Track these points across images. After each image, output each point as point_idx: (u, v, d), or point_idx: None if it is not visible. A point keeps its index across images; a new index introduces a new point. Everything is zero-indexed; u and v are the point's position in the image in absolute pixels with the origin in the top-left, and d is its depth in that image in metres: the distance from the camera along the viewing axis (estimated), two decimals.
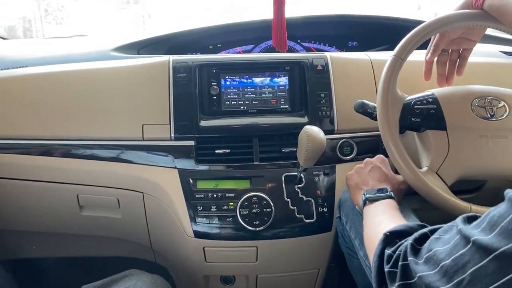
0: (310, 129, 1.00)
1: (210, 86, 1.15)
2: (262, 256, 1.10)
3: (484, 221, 0.48)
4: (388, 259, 0.61)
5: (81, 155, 1.11)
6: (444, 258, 0.51)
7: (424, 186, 0.89)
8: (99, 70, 1.17)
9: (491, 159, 0.92)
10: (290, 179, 1.11)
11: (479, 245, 0.47)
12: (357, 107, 1.04)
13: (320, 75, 1.17)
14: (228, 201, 1.08)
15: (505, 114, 0.94)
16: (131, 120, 1.11)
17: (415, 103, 0.96)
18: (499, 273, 0.44)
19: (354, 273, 1.09)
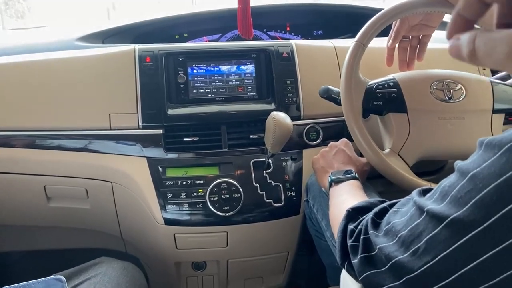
0: (276, 115, 1.02)
1: (177, 75, 1.15)
2: (232, 241, 1.12)
3: (437, 192, 0.51)
4: (350, 234, 0.64)
5: (47, 145, 1.09)
6: (402, 229, 0.54)
7: (386, 167, 0.92)
8: (64, 60, 1.16)
9: (449, 139, 0.96)
10: (258, 165, 1.12)
11: (432, 214, 0.49)
12: (322, 92, 1.06)
13: (286, 63, 1.19)
14: (197, 188, 1.09)
15: (462, 97, 0.98)
16: (98, 109, 1.10)
17: (377, 87, 0.99)
18: (451, 239, 0.47)
19: (322, 254, 1.12)
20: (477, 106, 0.98)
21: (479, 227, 0.44)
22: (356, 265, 0.61)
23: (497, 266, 0.44)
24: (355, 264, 0.61)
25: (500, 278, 0.44)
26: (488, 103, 0.98)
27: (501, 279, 0.44)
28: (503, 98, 0.99)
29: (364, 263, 0.59)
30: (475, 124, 0.96)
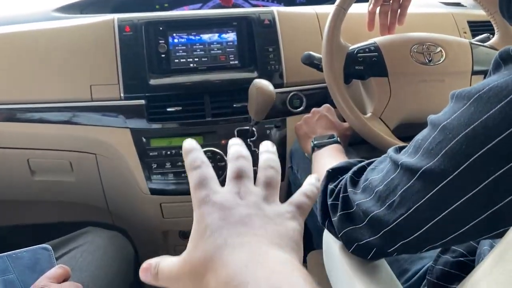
0: (259, 83, 1.02)
1: (157, 44, 1.14)
2: None
3: (411, 146, 0.52)
4: (330, 193, 0.65)
5: (29, 119, 1.08)
6: (378, 184, 0.55)
7: (368, 130, 0.93)
8: (42, 31, 1.13)
9: (430, 102, 0.97)
10: (242, 133, 1.13)
11: (405, 167, 0.51)
12: (304, 59, 1.06)
13: (268, 30, 1.18)
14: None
15: (441, 59, 0.98)
16: (78, 81, 1.09)
17: (358, 51, 0.99)
18: (424, 191, 0.48)
19: (308, 219, 1.13)
20: (457, 68, 0.98)
21: (449, 177, 0.45)
22: (336, 222, 0.62)
23: (466, 214, 0.45)
24: (335, 222, 0.62)
25: (469, 226, 0.46)
26: (467, 65, 0.98)
27: (469, 226, 0.46)
28: (482, 60, 0.99)
29: (343, 220, 0.61)
30: (455, 86, 0.95)
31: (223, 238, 0.35)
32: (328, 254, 0.73)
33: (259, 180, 0.42)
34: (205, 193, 0.39)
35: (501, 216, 0.44)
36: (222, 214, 0.37)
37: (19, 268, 0.75)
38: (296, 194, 0.43)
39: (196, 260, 0.35)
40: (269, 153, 0.45)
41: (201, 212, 0.38)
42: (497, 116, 0.42)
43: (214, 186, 0.40)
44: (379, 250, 0.57)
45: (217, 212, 0.37)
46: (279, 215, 0.39)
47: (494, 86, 0.43)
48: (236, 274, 0.32)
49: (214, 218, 0.37)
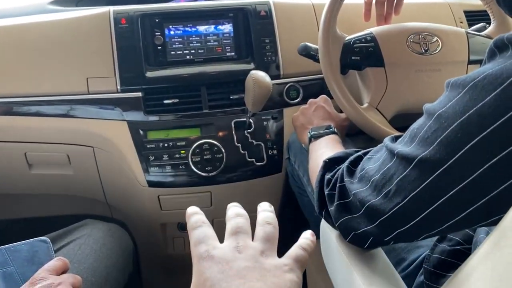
0: (255, 74, 1.02)
1: (154, 36, 1.14)
2: (216, 200, 1.13)
3: (407, 135, 0.52)
4: (327, 183, 0.65)
5: (25, 112, 1.08)
6: (374, 174, 0.55)
7: (365, 121, 0.94)
8: (37, 24, 1.13)
9: (426, 92, 0.97)
10: (239, 125, 1.13)
11: (402, 156, 0.51)
12: (301, 50, 1.06)
13: (264, 21, 1.18)
14: (179, 149, 1.09)
15: (438, 49, 0.98)
16: (75, 74, 1.09)
17: (354, 42, 0.99)
18: (419, 179, 0.48)
19: (305, 210, 1.14)
20: (453, 57, 0.98)
21: (445, 165, 0.45)
22: (333, 212, 0.62)
23: (462, 202, 0.46)
24: (332, 212, 0.63)
25: (465, 213, 0.46)
26: (463, 55, 0.98)
27: (465, 214, 0.46)
28: (478, 50, 0.99)
29: (340, 209, 0.61)
30: (451, 75, 0.95)
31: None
32: (325, 244, 0.74)
33: (257, 235, 0.45)
34: (205, 248, 0.41)
35: (497, 203, 0.44)
36: (221, 268, 0.39)
37: (18, 260, 0.75)
38: (293, 247, 0.45)
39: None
40: (266, 212, 0.48)
41: (201, 266, 0.40)
42: (492, 104, 0.42)
43: (214, 242, 0.42)
44: (376, 238, 0.58)
45: (216, 266, 0.39)
46: (277, 267, 0.40)
47: (489, 74, 0.43)
48: None
49: (214, 271, 0.38)
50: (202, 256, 0.40)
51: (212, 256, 0.40)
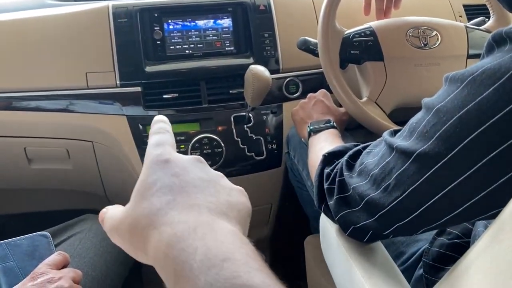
0: (255, 68, 1.02)
1: (153, 31, 1.13)
2: None
3: (405, 129, 0.53)
4: (326, 177, 0.65)
5: (25, 107, 1.08)
6: (373, 168, 0.56)
7: (364, 115, 0.94)
8: (36, 19, 1.13)
9: (425, 86, 0.97)
10: (239, 120, 1.13)
11: (401, 151, 0.51)
12: (300, 44, 1.06)
13: (263, 15, 1.17)
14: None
15: (437, 43, 0.98)
16: (74, 68, 1.09)
17: (353, 36, 0.99)
18: (418, 173, 0.48)
19: (304, 205, 1.15)
20: (452, 52, 0.98)
21: (444, 159, 0.45)
22: (332, 206, 0.63)
23: (460, 196, 0.46)
24: (331, 206, 0.63)
25: (463, 207, 0.46)
26: (463, 49, 0.98)
27: (464, 208, 0.46)
28: (477, 44, 0.99)
29: (340, 203, 0.61)
30: (451, 69, 0.95)
31: (173, 195, 0.33)
32: (325, 238, 0.74)
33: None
34: (162, 150, 0.37)
35: (495, 197, 0.44)
36: (177, 172, 0.35)
37: (18, 255, 0.75)
38: None
39: (139, 213, 0.33)
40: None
41: (153, 166, 0.36)
42: (490, 99, 0.42)
43: (172, 150, 0.38)
44: (375, 232, 0.58)
45: (171, 169, 0.35)
46: (231, 189, 0.38)
47: (487, 68, 0.43)
48: (183, 237, 0.30)
49: (167, 173, 0.35)
50: (159, 156, 0.36)
51: (168, 159, 0.36)
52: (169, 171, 0.35)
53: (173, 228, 0.31)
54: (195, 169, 0.36)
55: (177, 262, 0.29)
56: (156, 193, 0.34)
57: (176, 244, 0.30)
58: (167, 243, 0.30)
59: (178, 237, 0.30)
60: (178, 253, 0.29)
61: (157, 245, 0.31)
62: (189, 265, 0.28)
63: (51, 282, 0.68)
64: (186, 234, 0.30)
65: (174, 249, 0.30)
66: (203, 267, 0.28)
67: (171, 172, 0.35)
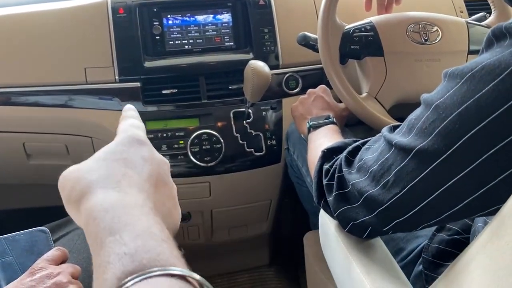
0: (254, 64, 1.01)
1: (152, 26, 1.13)
2: (215, 190, 1.13)
3: (404, 126, 0.52)
4: (326, 173, 0.65)
5: (24, 102, 1.08)
6: (373, 164, 0.55)
7: (364, 110, 0.93)
8: (35, 13, 1.12)
9: (425, 81, 0.96)
10: (238, 115, 1.13)
11: (400, 147, 0.51)
12: (300, 39, 1.05)
13: (263, 11, 1.17)
14: (178, 139, 1.09)
15: (438, 38, 0.98)
16: (73, 64, 1.09)
17: (354, 31, 0.98)
18: (417, 170, 0.48)
19: (304, 201, 1.14)
20: (453, 47, 0.98)
21: (443, 155, 0.45)
22: (331, 202, 0.62)
23: (459, 193, 0.46)
24: (331, 202, 0.63)
25: (463, 204, 0.46)
26: (463, 45, 0.98)
27: (463, 205, 0.46)
28: (478, 39, 0.99)
29: (339, 199, 0.61)
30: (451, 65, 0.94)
31: (133, 172, 0.36)
32: (324, 234, 0.74)
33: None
34: (140, 133, 0.41)
35: (494, 194, 0.44)
36: (146, 156, 0.38)
37: (17, 250, 0.75)
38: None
39: (93, 168, 0.35)
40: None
41: (130, 140, 0.39)
42: (490, 95, 0.42)
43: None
44: (374, 228, 0.58)
45: (143, 151, 0.38)
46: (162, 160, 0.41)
47: (487, 64, 0.43)
48: (114, 208, 0.32)
49: (137, 153, 0.38)
50: (135, 136, 0.40)
51: (144, 142, 0.40)
52: (140, 152, 0.38)
53: (113, 197, 0.33)
54: (164, 166, 0.40)
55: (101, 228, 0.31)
56: (118, 161, 0.36)
57: (105, 214, 0.32)
58: (87, 212, 0.33)
59: (97, 207, 0.32)
60: (106, 222, 0.31)
61: (92, 205, 0.33)
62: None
63: (50, 278, 0.68)
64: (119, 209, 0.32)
65: (104, 217, 0.32)
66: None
67: (141, 154, 0.38)
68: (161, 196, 0.38)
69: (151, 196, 0.36)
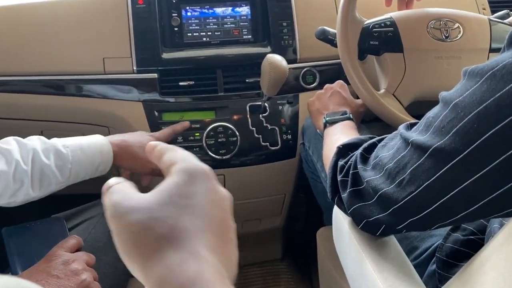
0: (272, 58, 1.01)
1: (171, 18, 1.13)
2: (229, 183, 1.14)
3: (422, 123, 0.51)
4: (340, 170, 0.65)
5: (43, 90, 1.09)
6: (388, 162, 0.55)
7: (381, 106, 0.92)
8: (56, 3, 1.13)
9: (445, 79, 0.95)
10: (254, 109, 1.12)
11: (416, 145, 0.50)
12: (318, 34, 1.04)
13: (282, 4, 1.16)
14: (194, 132, 1.09)
15: (459, 35, 0.96)
16: (92, 53, 1.09)
17: (373, 26, 0.97)
18: (434, 169, 0.47)
19: (318, 196, 1.14)
20: (475, 45, 0.96)
21: (460, 155, 0.44)
22: (346, 199, 0.62)
23: (476, 193, 0.45)
24: (345, 198, 0.62)
25: (479, 205, 0.45)
26: (485, 42, 0.96)
27: (479, 205, 0.45)
28: (500, 37, 0.97)
29: (353, 196, 0.61)
30: (472, 63, 0.93)
31: (208, 222, 0.31)
32: (337, 230, 0.73)
33: None
34: (204, 165, 0.35)
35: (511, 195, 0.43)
36: (216, 198, 0.32)
37: (33, 238, 0.76)
38: None
39: (163, 216, 0.30)
40: None
41: (196, 174, 0.33)
42: (510, 94, 0.41)
43: None
44: (388, 227, 0.57)
45: (211, 187, 0.32)
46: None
47: (508, 63, 0.42)
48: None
49: (208, 189, 0.32)
50: (200, 169, 0.34)
51: (209, 175, 0.34)
52: (210, 188, 0.32)
53: (192, 267, 0.28)
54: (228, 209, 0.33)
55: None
56: (189, 208, 0.30)
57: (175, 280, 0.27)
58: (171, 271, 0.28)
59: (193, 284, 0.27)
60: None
61: (164, 268, 0.28)
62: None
63: (65, 264, 0.69)
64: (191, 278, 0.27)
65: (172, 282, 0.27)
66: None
67: (211, 188, 0.32)
68: (225, 247, 0.32)
69: (217, 250, 0.30)
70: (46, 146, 0.79)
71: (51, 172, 0.77)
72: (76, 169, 0.81)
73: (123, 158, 0.90)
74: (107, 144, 0.88)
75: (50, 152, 0.78)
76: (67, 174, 0.80)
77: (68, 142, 0.82)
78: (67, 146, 0.81)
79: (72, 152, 0.81)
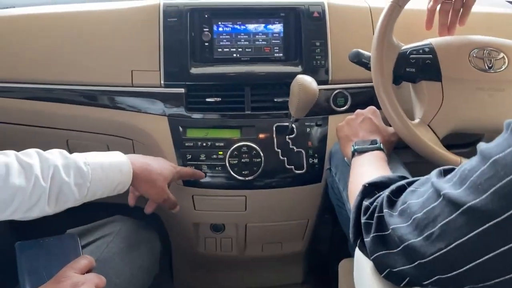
0: (302, 79, 0.97)
1: (202, 32, 1.11)
2: (251, 205, 1.10)
3: (456, 174, 0.47)
4: (365, 211, 0.60)
5: (70, 100, 1.09)
6: (417, 211, 0.50)
7: (414, 137, 0.87)
8: (87, 13, 1.13)
9: (486, 112, 0.89)
10: (281, 130, 1.09)
11: (448, 199, 0.45)
12: (352, 56, 1.00)
13: (316, 23, 1.12)
14: (217, 150, 1.07)
15: (503, 66, 0.90)
16: (120, 65, 1.09)
17: (411, 52, 0.92)
18: (467, 227, 0.43)
19: (344, 225, 1.09)
20: None
21: (498, 218, 0.40)
22: (369, 243, 0.58)
23: None
24: (367, 243, 0.58)
25: None
26: None
27: None
28: None
29: (377, 242, 0.56)
30: None
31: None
32: (358, 271, 0.69)
33: None
34: None
35: None
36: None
37: (45, 255, 0.75)
38: None
39: None
40: None
41: None
42: None
43: None
44: (413, 279, 0.53)
45: None
46: None
47: None
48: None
49: None
50: None
51: None
52: None
53: None
54: None
55: None
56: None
57: None
58: None
59: None
60: None
61: None
62: None
63: (74, 287, 0.68)
64: None
65: None
66: None
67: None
68: None
69: None
70: (68, 162, 0.78)
71: (69, 190, 0.76)
72: (95, 188, 0.80)
73: (141, 181, 0.88)
74: (128, 164, 0.86)
75: (71, 169, 0.77)
76: (84, 192, 0.78)
77: (89, 159, 0.81)
78: (88, 164, 0.80)
79: (92, 170, 0.79)
